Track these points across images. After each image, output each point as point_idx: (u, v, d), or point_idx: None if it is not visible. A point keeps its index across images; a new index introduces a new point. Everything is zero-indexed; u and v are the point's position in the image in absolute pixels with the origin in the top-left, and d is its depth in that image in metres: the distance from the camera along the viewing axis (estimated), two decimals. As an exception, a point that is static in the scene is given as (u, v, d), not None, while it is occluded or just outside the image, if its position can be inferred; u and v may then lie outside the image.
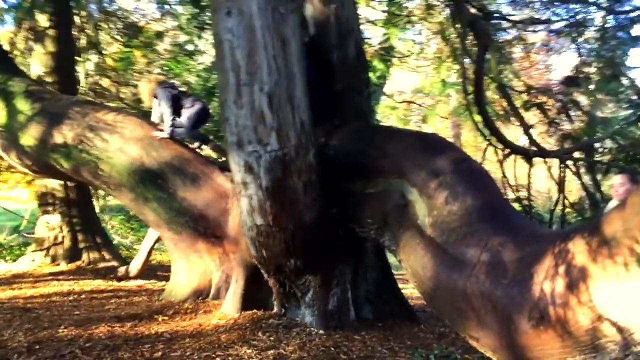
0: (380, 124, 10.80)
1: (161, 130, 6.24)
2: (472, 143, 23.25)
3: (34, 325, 4.95)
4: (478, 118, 7.92)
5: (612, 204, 4.16)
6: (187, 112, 6.29)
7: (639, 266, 2.49)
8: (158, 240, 7.97)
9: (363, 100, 5.67)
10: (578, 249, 2.80)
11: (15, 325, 4.99)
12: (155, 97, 6.43)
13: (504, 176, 7.46)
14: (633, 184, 4.08)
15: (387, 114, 14.87)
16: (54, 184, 9.44)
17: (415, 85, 15.91)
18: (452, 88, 12.78)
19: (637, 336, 2.57)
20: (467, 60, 8.49)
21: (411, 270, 4.02)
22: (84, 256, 9.43)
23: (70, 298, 6.61)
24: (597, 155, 7.69)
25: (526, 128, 7.33)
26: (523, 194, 7.95)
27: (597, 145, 7.79)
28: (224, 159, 6.15)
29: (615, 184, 4.13)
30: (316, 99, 4.65)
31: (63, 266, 9.11)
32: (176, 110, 6.27)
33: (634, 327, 2.57)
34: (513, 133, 11.56)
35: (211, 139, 7.13)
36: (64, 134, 6.43)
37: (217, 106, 12.21)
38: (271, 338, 4.57)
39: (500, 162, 7.34)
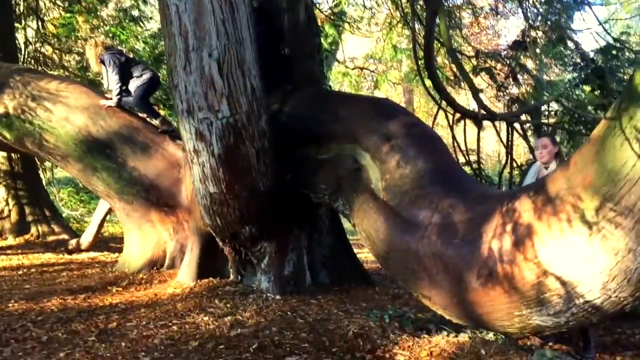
0: (333, 90, 10.77)
1: (109, 98, 6.06)
2: (423, 109, 23.50)
3: (-18, 301, 4.82)
4: (429, 83, 7.99)
5: (536, 167, 4.30)
6: (136, 82, 6.09)
7: (582, 222, 2.59)
8: (109, 212, 7.82)
9: (315, 66, 5.64)
10: (524, 208, 2.90)
11: (-38, 301, 4.85)
12: (103, 63, 6.20)
13: (455, 140, 7.58)
14: (554, 145, 4.23)
15: (339, 81, 14.84)
16: (-2, 156, 9.10)
17: (367, 52, 15.88)
18: (403, 53, 12.84)
19: (580, 289, 2.69)
20: (417, 26, 8.51)
21: (365, 234, 4.09)
22: (33, 229, 9.19)
23: (20, 272, 6.45)
24: (543, 118, 7.88)
25: (475, 92, 7.43)
26: (473, 158, 8.12)
27: (543, 108, 7.99)
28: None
29: (538, 146, 4.26)
30: (267, 64, 4.60)
31: (11, 240, 8.88)
32: (124, 78, 6.07)
33: (577, 280, 2.69)
34: (463, 98, 11.74)
35: (161, 114, 6.93)
36: (5, 104, 6.17)
37: (166, 74, 11.95)
38: (228, 305, 4.59)
39: (451, 127, 7.46)
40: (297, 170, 4.86)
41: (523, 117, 7.73)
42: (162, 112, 13.18)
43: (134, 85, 6.09)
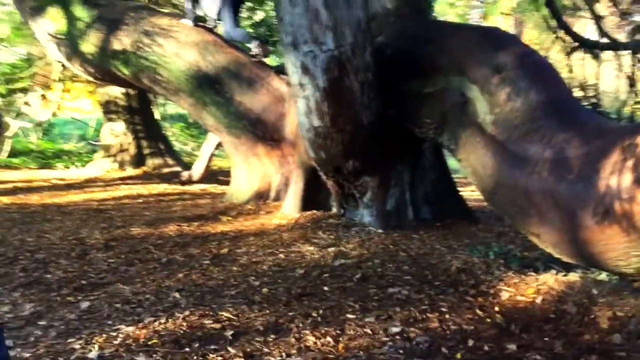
0: (439, 20, 10.35)
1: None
2: (536, 42, 22.12)
3: (108, 225, 5.27)
4: (544, 11, 7.47)
5: None
6: (215, 7, 6.04)
7: None
8: (218, 145, 8.17)
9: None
10: (649, 143, 2.69)
11: (91, 224, 5.33)
12: None
13: (571, 72, 7.11)
14: None
15: (445, 12, 14.21)
16: (117, 92, 9.68)
17: (476, -20, 15.03)
18: (517, -19, 12.03)
19: None
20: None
21: (471, 169, 3.99)
22: (149, 162, 9.80)
23: (140, 200, 6.94)
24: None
25: (596, 19, 6.86)
26: (591, 93, 7.60)
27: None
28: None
29: None
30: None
31: (130, 171, 9.52)
32: None
33: None
34: (581, 29, 10.89)
35: (255, 36, 6.85)
36: (121, 41, 6.49)
37: (270, 9, 11.99)
38: (331, 236, 4.71)
39: (568, 55, 6.96)
40: (401, 104, 4.78)
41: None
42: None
43: (214, 6, 6.04)
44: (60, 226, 5.24)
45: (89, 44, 6.81)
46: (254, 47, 6.04)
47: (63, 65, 8.97)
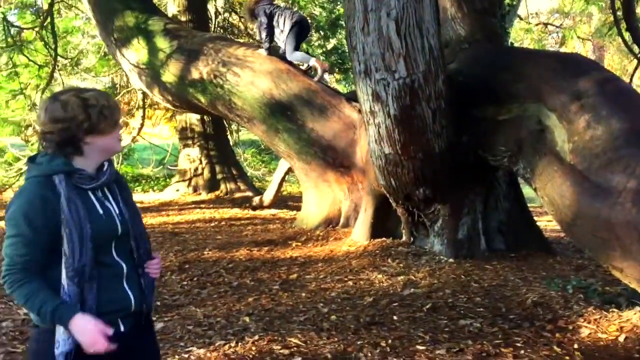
0: (515, 46, 10.16)
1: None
2: (616, 67, 21.29)
3: (182, 247, 5.43)
4: (625, 35, 7.19)
5: None
6: (283, 36, 6.33)
7: None
8: (288, 171, 8.28)
9: (496, 22, 5.35)
10: None
11: (166, 247, 5.51)
12: (255, 16, 6.53)
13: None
14: None
15: (520, 37, 13.95)
16: (193, 119, 10.04)
17: (552, 5, 14.70)
18: (595, 5, 11.67)
19: None
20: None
21: (548, 199, 3.85)
22: (222, 186, 10.06)
23: (212, 224, 7.12)
24: None
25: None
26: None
27: None
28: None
29: None
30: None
31: (204, 195, 9.80)
32: (272, 28, 6.37)
33: None
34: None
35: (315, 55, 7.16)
36: (199, 70, 6.75)
37: (342, 37, 12.17)
38: (401, 265, 4.65)
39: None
40: (474, 131, 4.70)
41: None
42: (336, 76, 13.55)
43: (283, 35, 6.33)
44: (138, 248, 5.43)
45: (169, 73, 7.12)
46: (312, 62, 6.23)
47: (144, 94, 9.41)
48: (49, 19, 9.30)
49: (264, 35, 6.41)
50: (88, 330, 1.54)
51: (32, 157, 1.72)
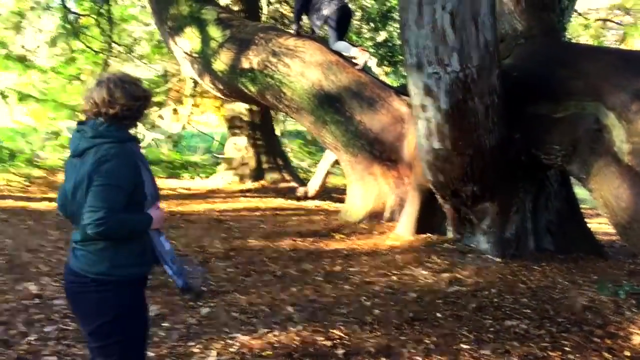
0: (573, 42, 9.85)
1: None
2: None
3: (228, 235, 5.50)
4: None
5: None
6: (320, 21, 6.38)
7: None
8: (334, 163, 8.27)
9: (555, 17, 5.19)
10: None
11: (212, 234, 5.58)
12: None
13: None
14: None
15: (577, 34, 13.51)
16: (241, 109, 10.13)
17: (612, 2, 14.15)
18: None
19: None
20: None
21: (603, 201, 3.74)
22: (267, 176, 10.13)
23: (257, 213, 7.18)
24: None
25: None
26: None
27: None
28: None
29: None
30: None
31: (249, 184, 9.89)
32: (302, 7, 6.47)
33: None
34: None
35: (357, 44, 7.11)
36: (250, 59, 6.80)
37: (392, 30, 12.04)
38: (446, 262, 4.59)
39: None
40: (527, 128, 4.58)
41: None
42: (385, 69, 13.44)
43: (319, 21, 6.36)
44: (185, 233, 5.54)
45: (220, 62, 7.19)
46: (353, 52, 6.20)
47: (195, 82, 9.54)
48: (105, 6, 9.53)
49: (295, 14, 6.44)
50: (158, 212, 2.14)
51: (96, 125, 2.04)
